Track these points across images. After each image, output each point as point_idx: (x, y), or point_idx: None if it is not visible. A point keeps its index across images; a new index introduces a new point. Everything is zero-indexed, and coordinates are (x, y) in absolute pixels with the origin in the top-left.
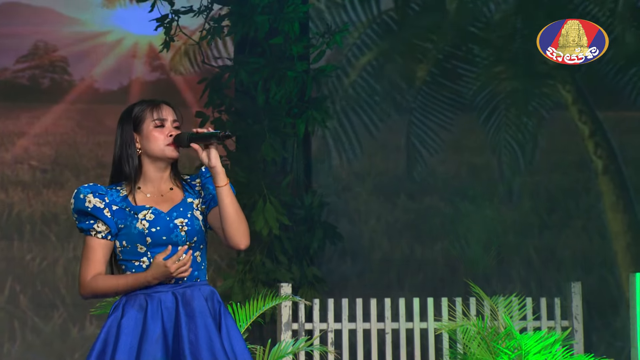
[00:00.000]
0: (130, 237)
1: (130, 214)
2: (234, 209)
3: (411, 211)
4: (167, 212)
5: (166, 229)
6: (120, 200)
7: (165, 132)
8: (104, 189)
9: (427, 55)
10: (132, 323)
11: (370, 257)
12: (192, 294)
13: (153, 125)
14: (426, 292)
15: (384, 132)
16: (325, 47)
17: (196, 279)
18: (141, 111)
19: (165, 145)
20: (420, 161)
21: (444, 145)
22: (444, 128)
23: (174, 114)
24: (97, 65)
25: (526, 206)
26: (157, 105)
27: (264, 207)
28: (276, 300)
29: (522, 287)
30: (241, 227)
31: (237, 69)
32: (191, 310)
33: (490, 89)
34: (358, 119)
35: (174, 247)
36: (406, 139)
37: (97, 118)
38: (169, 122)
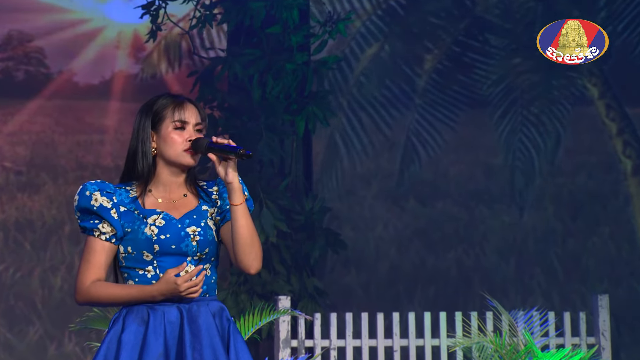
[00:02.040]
0: (137, 242)
1: (139, 217)
2: (249, 231)
3: (421, 217)
4: (179, 219)
5: (177, 237)
6: (130, 201)
7: (185, 135)
8: (113, 188)
9: (437, 44)
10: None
11: (376, 267)
12: (199, 309)
13: (173, 126)
14: (438, 306)
15: (391, 130)
16: (327, 37)
17: (205, 294)
18: (163, 108)
19: (183, 150)
20: (415, 161)
21: (452, 144)
22: (448, 126)
23: (198, 116)
24: (76, 56)
25: (548, 211)
26: (180, 104)
27: (260, 212)
28: (273, 315)
29: (544, 300)
30: (253, 250)
31: (231, 61)
32: (197, 327)
33: (507, 82)
34: (363, 115)
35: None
36: (405, 136)
37: (76, 115)
38: (191, 126)
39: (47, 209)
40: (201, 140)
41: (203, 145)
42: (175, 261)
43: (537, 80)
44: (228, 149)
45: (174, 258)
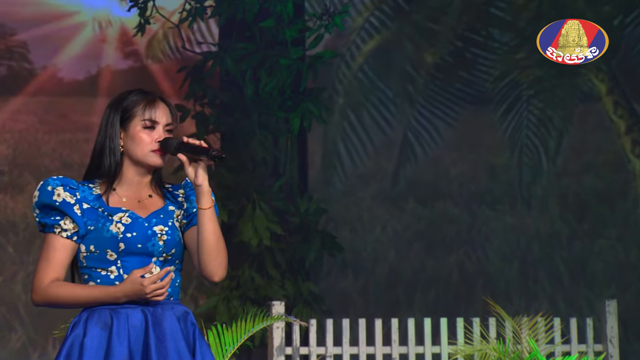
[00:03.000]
0: (101, 241)
1: (104, 215)
2: (215, 236)
3: (422, 218)
4: (146, 218)
5: (143, 236)
6: (94, 199)
7: (154, 136)
8: (76, 184)
9: (438, 39)
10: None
11: (374, 271)
12: (164, 313)
13: (142, 125)
14: (439, 312)
15: (390, 128)
16: (323, 31)
17: (169, 298)
18: (133, 105)
19: (151, 150)
20: (415, 161)
21: (453, 142)
22: (450, 124)
23: (169, 116)
24: (61, 51)
25: (553, 213)
26: (151, 102)
27: (253, 214)
28: (267, 321)
29: (549, 305)
30: (219, 257)
31: (222, 55)
32: (161, 331)
33: (511, 78)
34: (361, 113)
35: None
36: (405, 135)
37: (61, 112)
38: (161, 126)
39: (30, 210)
40: (171, 140)
41: (173, 145)
42: (140, 262)
43: (542, 75)
44: (199, 149)
45: (138, 258)
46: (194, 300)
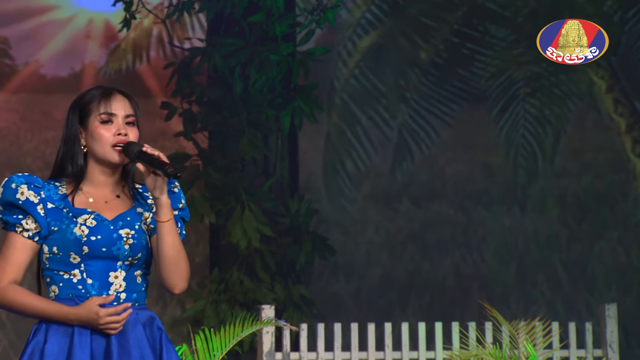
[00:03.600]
0: (64, 243)
1: (69, 216)
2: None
3: (416, 219)
4: (112, 221)
5: (108, 240)
6: (59, 198)
7: (113, 129)
8: (41, 182)
9: (433, 35)
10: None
11: (367, 274)
12: (128, 319)
13: (99, 120)
14: (434, 316)
15: (384, 126)
16: (314, 27)
17: (134, 302)
18: (89, 101)
19: (111, 146)
20: (409, 160)
21: (449, 141)
22: (445, 122)
23: (128, 107)
24: (44, 47)
25: (551, 214)
26: (106, 95)
27: (242, 215)
28: (256, 326)
29: (547, 309)
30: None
31: (210, 51)
32: (125, 338)
33: (508, 75)
34: (353, 111)
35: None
36: (399, 133)
37: (43, 110)
38: (120, 118)
39: None
40: (132, 146)
41: (133, 151)
42: (105, 266)
43: (540, 72)
44: (156, 163)
45: (103, 262)
46: (181, 304)
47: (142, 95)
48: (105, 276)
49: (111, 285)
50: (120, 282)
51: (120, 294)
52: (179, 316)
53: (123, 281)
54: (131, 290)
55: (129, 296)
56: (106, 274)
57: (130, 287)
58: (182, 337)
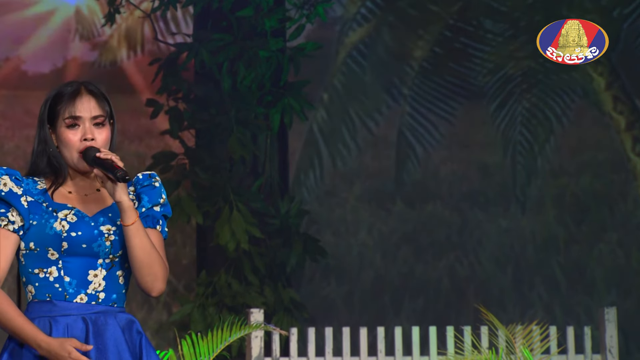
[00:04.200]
0: (43, 238)
1: (48, 210)
2: (144, 252)
3: (409, 221)
4: (93, 217)
5: (89, 236)
6: (38, 192)
7: (79, 134)
8: (20, 175)
9: (428, 30)
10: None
11: (359, 276)
12: (106, 321)
13: (65, 125)
14: (428, 320)
15: (376, 124)
16: (304, 22)
17: (112, 304)
18: (56, 102)
19: (77, 152)
20: (412, 159)
21: (444, 140)
22: (445, 119)
23: (95, 107)
24: (25, 42)
25: (549, 215)
26: (71, 96)
27: (230, 215)
28: (245, 330)
29: (545, 313)
30: (152, 272)
31: (197, 47)
32: (103, 343)
33: (504, 71)
34: (345, 108)
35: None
36: (398, 132)
37: (24, 107)
38: (87, 120)
39: None
40: (90, 151)
41: (90, 157)
42: (83, 263)
43: (537, 69)
44: (107, 167)
45: (82, 260)
46: (167, 308)
47: (127, 92)
48: (84, 274)
49: (90, 284)
50: (99, 281)
51: (99, 293)
52: (165, 320)
53: (103, 280)
54: (111, 291)
55: (108, 296)
56: (85, 272)
57: (110, 287)
58: (169, 342)
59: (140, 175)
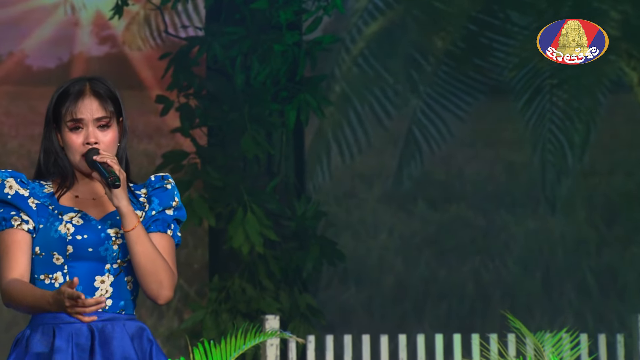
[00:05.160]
0: (48, 242)
1: (54, 213)
2: (148, 258)
3: (432, 222)
4: (100, 220)
5: (95, 240)
6: (45, 196)
7: (81, 138)
8: (26, 179)
9: (451, 21)
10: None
11: (379, 281)
12: (113, 329)
13: (68, 127)
14: (452, 327)
15: (396, 122)
16: (321, 14)
17: (121, 311)
18: (60, 103)
19: (81, 155)
20: (416, 158)
21: (468, 138)
22: (464, 117)
23: (98, 109)
24: (29, 36)
25: (579, 216)
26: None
27: (244, 217)
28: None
29: (576, 320)
30: (156, 279)
31: (210, 41)
32: (110, 352)
33: (532, 65)
34: (364, 105)
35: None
36: (412, 129)
37: (28, 104)
38: (90, 122)
39: None
40: (90, 153)
41: (89, 160)
42: (90, 268)
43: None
44: (100, 171)
45: (88, 264)
46: (178, 314)
47: (136, 88)
48: (90, 280)
49: (96, 290)
50: (106, 288)
51: (106, 300)
52: (176, 327)
53: (110, 286)
54: (119, 297)
55: (116, 303)
56: (91, 278)
57: (117, 294)
58: (180, 350)
59: (153, 177)
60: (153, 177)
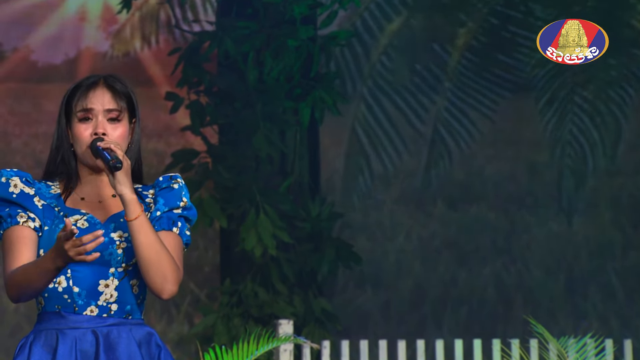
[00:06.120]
0: (51, 244)
1: (59, 215)
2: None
3: (451, 224)
4: (104, 223)
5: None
6: (51, 197)
7: (90, 129)
8: (32, 178)
9: (472, 16)
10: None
11: (397, 285)
12: (119, 335)
13: (78, 117)
14: (472, 332)
15: (415, 120)
16: (337, 8)
17: (127, 315)
18: (71, 96)
19: (87, 147)
20: (445, 158)
21: (488, 136)
22: (489, 114)
23: (110, 101)
24: (34, 31)
25: (604, 218)
26: (86, 88)
27: (257, 219)
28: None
29: (600, 324)
30: (159, 272)
31: (221, 36)
32: (115, 358)
33: (555, 63)
34: (381, 102)
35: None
36: (433, 128)
37: (34, 101)
38: (100, 113)
39: None
40: (95, 141)
41: (94, 148)
42: (94, 272)
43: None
44: (101, 155)
45: (92, 268)
46: (189, 319)
47: (144, 85)
48: (94, 284)
49: (100, 294)
50: (111, 292)
51: (111, 304)
52: (186, 332)
53: (115, 291)
54: (124, 302)
55: (122, 308)
56: (95, 282)
57: (123, 298)
58: (190, 356)
59: (161, 177)
60: (161, 178)
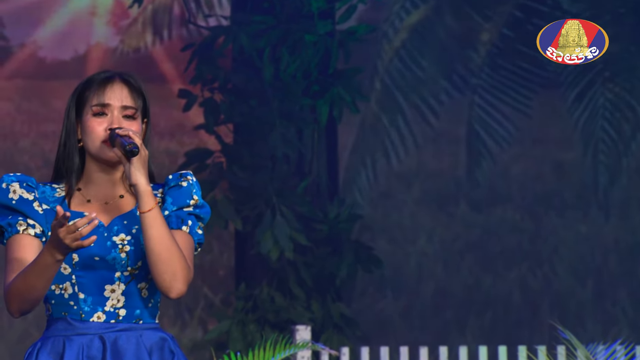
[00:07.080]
0: None
1: None
2: (161, 244)
3: (475, 226)
4: (108, 226)
5: (102, 247)
6: (55, 200)
7: (105, 123)
8: (35, 182)
9: (496, 10)
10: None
11: (418, 289)
12: (128, 341)
13: (92, 112)
14: (497, 338)
15: (438, 118)
16: (356, 2)
17: (137, 320)
18: (85, 90)
19: (102, 142)
20: (486, 157)
21: (514, 135)
22: (515, 111)
23: (127, 97)
24: (42, 26)
25: (635, 219)
26: (102, 83)
27: (273, 221)
28: (290, 350)
29: (631, 330)
30: (170, 269)
31: (236, 31)
32: None
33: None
34: (402, 100)
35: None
36: (467, 127)
37: (42, 99)
38: (116, 110)
39: None
40: (113, 130)
41: (112, 137)
42: (99, 277)
43: (621, 53)
44: (118, 141)
45: (97, 273)
46: (203, 324)
47: (156, 82)
48: (100, 290)
49: (107, 300)
50: (117, 297)
51: (118, 310)
52: (200, 338)
53: (122, 295)
54: (133, 306)
55: (131, 312)
56: (101, 288)
57: (131, 303)
58: None
59: (171, 175)
60: (171, 176)
